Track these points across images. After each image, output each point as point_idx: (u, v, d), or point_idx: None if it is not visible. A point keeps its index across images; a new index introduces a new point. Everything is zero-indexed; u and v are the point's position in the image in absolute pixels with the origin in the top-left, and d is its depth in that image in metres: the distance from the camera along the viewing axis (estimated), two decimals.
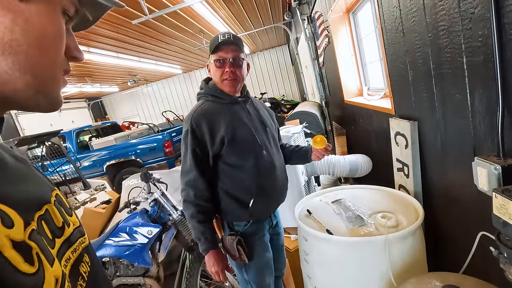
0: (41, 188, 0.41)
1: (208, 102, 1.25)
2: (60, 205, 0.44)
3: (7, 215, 0.30)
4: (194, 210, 1.19)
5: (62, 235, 0.40)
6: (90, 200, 3.63)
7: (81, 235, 0.46)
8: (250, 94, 1.37)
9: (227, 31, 1.21)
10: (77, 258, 0.42)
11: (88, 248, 0.47)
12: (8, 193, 0.33)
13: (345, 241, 1.12)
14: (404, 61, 1.35)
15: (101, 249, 1.82)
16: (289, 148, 1.48)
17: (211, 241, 1.21)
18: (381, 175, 2.07)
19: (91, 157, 5.54)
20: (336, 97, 3.43)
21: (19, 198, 0.34)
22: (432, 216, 1.40)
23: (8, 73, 0.32)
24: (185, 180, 1.21)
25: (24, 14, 0.32)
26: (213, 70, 1.23)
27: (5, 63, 0.32)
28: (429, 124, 1.24)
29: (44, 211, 0.38)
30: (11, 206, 0.31)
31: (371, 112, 2.11)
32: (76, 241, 0.44)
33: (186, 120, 1.21)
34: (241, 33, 7.34)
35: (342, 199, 1.44)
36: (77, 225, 0.46)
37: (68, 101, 11.02)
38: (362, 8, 2.36)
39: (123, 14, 4.32)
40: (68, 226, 0.43)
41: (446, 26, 0.95)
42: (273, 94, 11.51)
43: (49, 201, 0.41)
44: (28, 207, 0.35)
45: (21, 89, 0.34)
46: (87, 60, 6.24)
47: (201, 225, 1.20)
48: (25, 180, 0.39)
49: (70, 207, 0.47)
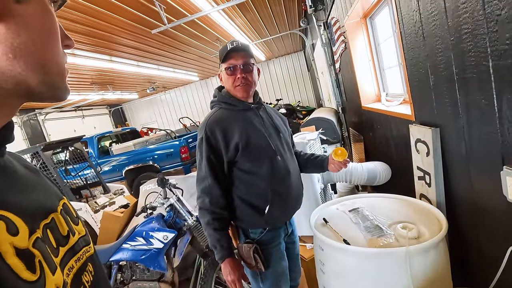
0: (49, 197, 0.42)
1: (221, 109, 1.26)
2: (67, 214, 0.44)
3: (12, 223, 0.31)
4: (209, 218, 1.19)
5: (67, 244, 0.41)
6: (109, 204, 3.73)
7: (86, 244, 0.46)
8: (262, 101, 1.37)
9: (235, 40, 1.23)
10: (80, 267, 0.42)
11: (93, 257, 0.47)
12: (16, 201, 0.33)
13: (363, 252, 1.08)
14: (424, 66, 1.30)
15: (118, 253, 1.85)
16: (304, 156, 1.46)
17: (227, 249, 1.20)
18: (401, 183, 1.99)
19: (111, 162, 5.71)
20: (353, 103, 3.37)
21: (26, 206, 0.35)
22: (457, 228, 1.33)
23: (22, 74, 0.33)
24: (201, 187, 1.21)
25: (24, 16, 0.33)
26: (224, 78, 1.25)
27: (19, 65, 0.33)
28: (452, 131, 1.19)
29: (50, 219, 0.39)
30: (17, 214, 0.32)
31: (390, 118, 2.06)
32: (81, 250, 0.44)
33: (201, 128, 1.22)
34: (257, 40, 7.42)
35: (360, 207, 1.39)
36: (82, 234, 0.46)
37: (91, 107, 11.47)
38: (380, 13, 2.33)
39: (143, 24, 4.48)
40: (73, 235, 0.43)
41: (470, 29, 0.91)
42: (288, 100, 11.49)
43: (56, 210, 0.41)
44: (35, 215, 0.36)
45: (35, 86, 0.35)
46: (109, 69, 6.49)
47: (216, 233, 1.19)
48: (34, 189, 0.40)
49: (76, 216, 0.48)
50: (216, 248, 1.20)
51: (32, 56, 0.34)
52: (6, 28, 0.32)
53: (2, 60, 0.32)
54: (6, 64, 0.32)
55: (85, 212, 3.37)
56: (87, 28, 4.12)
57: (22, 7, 0.33)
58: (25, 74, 0.34)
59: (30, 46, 0.33)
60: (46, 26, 0.35)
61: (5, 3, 0.32)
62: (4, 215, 0.30)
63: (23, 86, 0.34)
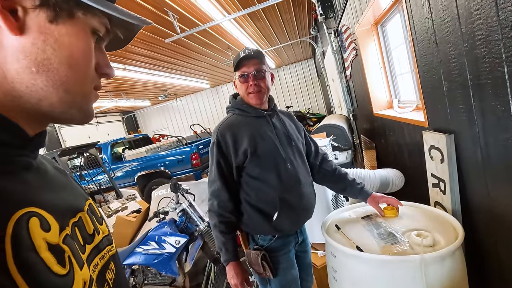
0: (77, 197, 0.45)
1: (235, 115, 1.29)
2: (92, 214, 0.46)
3: (45, 220, 0.33)
4: (217, 220, 1.22)
5: (92, 242, 0.43)
6: (121, 209, 3.80)
7: (109, 243, 0.48)
8: (277, 107, 1.38)
9: (247, 48, 1.26)
10: (104, 265, 0.44)
11: (115, 256, 0.49)
12: (48, 200, 0.36)
13: (376, 259, 1.07)
14: (437, 72, 1.30)
15: (131, 257, 1.88)
16: (344, 175, 1.43)
17: (232, 253, 1.22)
18: (415, 190, 1.96)
19: (124, 168, 5.82)
20: (365, 109, 3.35)
21: (57, 205, 0.37)
22: (473, 236, 1.30)
23: (43, 89, 0.36)
24: (210, 190, 1.24)
25: (54, 35, 0.35)
26: (238, 85, 1.28)
27: (40, 80, 0.35)
28: (467, 137, 1.18)
29: (78, 218, 0.41)
30: (50, 212, 0.34)
31: (403, 125, 2.04)
32: (104, 249, 0.46)
33: (213, 133, 1.26)
34: (267, 48, 7.50)
35: (373, 214, 1.38)
36: (106, 233, 0.48)
37: (105, 115, 11.77)
38: (391, 20, 2.33)
39: (157, 34, 4.61)
40: (98, 234, 0.45)
41: (484, 35, 0.91)
42: (298, 107, 11.50)
43: (83, 209, 0.44)
44: (65, 213, 0.38)
45: (56, 104, 0.37)
46: (123, 77, 6.68)
47: (223, 236, 1.21)
48: (64, 189, 0.42)
49: (101, 216, 0.50)
50: (221, 250, 1.23)
51: (55, 73, 0.36)
52: (32, 43, 0.34)
53: (25, 73, 0.34)
54: (29, 78, 0.34)
55: None
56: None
57: (54, 27, 0.35)
58: (47, 90, 0.36)
59: (54, 64, 0.35)
60: (76, 50, 0.37)
61: (39, 22, 0.34)
62: (39, 212, 0.33)
63: (46, 103, 0.36)
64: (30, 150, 0.38)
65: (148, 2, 3.52)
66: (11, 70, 0.34)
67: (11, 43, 0.33)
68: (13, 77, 0.34)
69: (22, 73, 0.34)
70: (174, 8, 3.87)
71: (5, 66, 0.33)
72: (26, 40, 0.33)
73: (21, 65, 0.34)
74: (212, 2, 3.86)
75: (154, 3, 3.58)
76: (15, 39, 0.33)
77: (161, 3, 3.63)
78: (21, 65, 0.34)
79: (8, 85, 0.34)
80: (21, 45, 0.33)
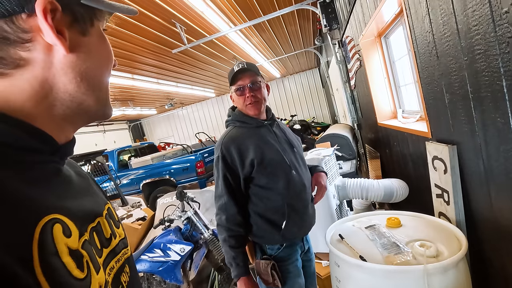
0: (97, 202, 0.47)
1: (236, 128, 1.30)
2: (110, 218, 0.49)
3: (67, 226, 0.35)
4: (226, 235, 1.21)
5: (109, 246, 0.45)
6: (127, 216, 3.83)
7: (125, 246, 0.50)
8: (275, 117, 1.41)
9: (240, 61, 1.30)
10: (119, 268, 0.46)
11: (130, 259, 0.51)
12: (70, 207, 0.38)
13: (379, 269, 1.08)
14: (439, 84, 1.32)
15: (136, 264, 1.90)
16: None
17: (243, 267, 1.20)
18: (419, 201, 1.96)
19: (130, 175, 5.87)
20: (369, 119, 3.37)
21: (77, 211, 0.39)
22: (478, 248, 1.30)
23: (85, 93, 0.40)
24: (218, 204, 1.24)
25: (89, 45, 0.41)
26: (236, 99, 1.31)
27: (83, 86, 0.40)
28: (470, 148, 1.19)
29: (97, 223, 0.43)
30: (71, 218, 0.36)
31: (407, 135, 2.05)
32: (120, 252, 0.48)
33: (217, 147, 1.26)
34: (273, 58, 7.60)
35: (377, 224, 1.39)
36: (122, 237, 0.51)
37: (112, 123, 11.95)
38: (394, 32, 2.37)
39: (164, 44, 4.72)
40: (114, 238, 0.47)
41: (483, 50, 0.94)
42: (303, 116, 11.54)
43: (102, 214, 0.46)
44: (84, 219, 0.40)
45: (93, 104, 0.42)
46: (131, 86, 6.81)
47: (232, 250, 1.20)
48: (85, 195, 0.45)
49: (118, 219, 0.53)
50: (232, 265, 1.21)
51: (93, 78, 0.41)
52: (78, 57, 0.39)
53: (72, 84, 0.39)
54: (74, 87, 0.39)
55: None
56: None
57: (87, 39, 0.40)
58: (87, 93, 0.41)
59: (93, 69, 0.41)
60: (104, 52, 0.43)
61: (76, 38, 0.39)
62: (61, 219, 0.35)
63: (85, 105, 0.41)
64: (60, 157, 0.42)
65: (156, 14, 3.64)
66: (59, 83, 0.38)
67: (61, 60, 0.37)
68: (59, 89, 0.38)
69: (69, 84, 0.38)
70: (182, 20, 3.98)
71: (53, 81, 0.37)
72: (72, 55, 0.38)
73: (68, 78, 0.38)
74: (218, 14, 3.96)
75: (163, 15, 3.69)
76: (64, 56, 0.37)
77: (169, 15, 3.74)
78: (68, 77, 0.38)
79: (52, 97, 0.38)
80: (70, 61, 0.38)
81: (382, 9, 1.90)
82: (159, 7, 3.46)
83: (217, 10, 3.87)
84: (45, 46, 0.36)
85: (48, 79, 0.37)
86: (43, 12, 0.33)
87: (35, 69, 0.36)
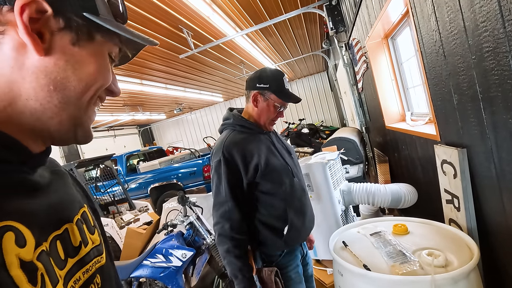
0: (68, 207, 0.43)
1: (235, 132, 1.26)
2: (84, 223, 0.45)
3: (21, 234, 0.31)
4: (230, 245, 1.13)
5: (76, 255, 0.41)
6: (134, 220, 3.84)
7: (99, 254, 0.46)
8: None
9: (285, 76, 1.30)
10: (87, 280, 0.42)
11: (103, 268, 0.46)
12: (29, 213, 0.34)
13: (384, 279, 1.02)
14: (447, 85, 1.27)
15: (138, 269, 1.88)
16: None
17: (249, 279, 1.14)
18: (428, 207, 1.88)
19: (138, 180, 5.92)
20: (377, 122, 3.30)
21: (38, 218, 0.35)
22: (491, 257, 1.22)
23: (57, 106, 0.37)
24: (219, 212, 1.16)
25: (76, 56, 0.38)
26: (265, 107, 1.27)
27: (56, 98, 0.37)
28: (480, 152, 1.13)
29: (63, 230, 0.39)
30: (28, 226, 0.33)
31: (415, 138, 1.98)
32: (91, 261, 0.44)
33: (216, 151, 1.21)
34: (280, 62, 7.59)
35: (382, 231, 1.33)
36: (96, 243, 0.46)
37: (122, 128, 12.15)
38: (402, 33, 2.32)
39: (172, 50, 4.77)
40: (85, 246, 0.43)
41: (491, 47, 0.89)
42: (312, 120, 11.45)
43: (72, 220, 0.42)
44: (45, 227, 0.36)
45: (65, 122, 0.39)
46: (140, 91, 6.91)
47: (238, 261, 1.13)
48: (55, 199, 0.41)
49: (94, 224, 0.48)
50: (237, 277, 1.13)
51: (70, 91, 0.38)
52: (55, 64, 0.36)
53: (43, 91, 0.36)
54: (45, 95, 0.36)
55: (111, 228, 3.49)
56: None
57: (76, 49, 0.38)
58: (60, 107, 0.37)
59: (71, 82, 0.37)
60: (92, 69, 0.39)
61: (63, 44, 0.37)
62: (16, 227, 0.31)
63: (56, 121, 0.38)
64: (30, 167, 0.38)
65: (163, 20, 3.68)
66: (29, 88, 0.35)
67: (33, 63, 0.35)
68: (29, 95, 0.35)
69: (40, 91, 0.36)
70: (188, 25, 4.01)
71: (22, 85, 0.35)
72: (49, 60, 0.36)
73: (40, 84, 0.35)
74: (224, 19, 3.98)
75: (170, 21, 3.73)
76: (38, 59, 0.35)
77: (176, 20, 3.77)
78: (40, 83, 0.35)
79: (21, 103, 0.35)
80: (43, 65, 0.35)
81: (388, 9, 1.86)
82: (166, 13, 3.50)
83: (223, 15, 3.89)
84: (19, 43, 0.34)
85: (17, 81, 0.35)
86: (21, 8, 0.32)
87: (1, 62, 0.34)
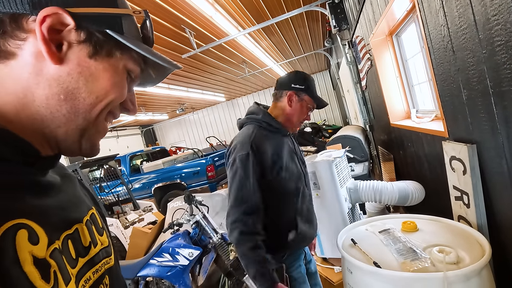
0: (78, 207, 0.44)
1: (261, 128, 1.21)
2: (93, 224, 0.46)
3: (34, 232, 0.32)
4: (255, 242, 1.07)
5: (87, 255, 0.42)
6: (138, 220, 3.85)
7: (107, 255, 0.47)
8: None
9: None
10: (97, 280, 0.42)
11: (112, 269, 0.47)
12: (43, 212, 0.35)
13: (395, 276, 1.01)
14: (456, 80, 1.25)
15: (145, 268, 1.88)
16: None
17: (274, 274, 1.10)
18: (436, 204, 1.87)
19: (141, 180, 5.94)
20: (381, 120, 3.28)
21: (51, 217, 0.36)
22: (502, 254, 1.21)
23: (65, 116, 0.38)
24: (243, 208, 1.08)
25: (91, 69, 0.38)
26: (298, 107, 1.29)
27: (65, 107, 0.37)
28: (491, 147, 1.12)
29: (74, 230, 0.40)
30: (41, 224, 0.33)
31: (421, 135, 1.97)
32: (100, 262, 0.44)
33: (243, 144, 1.13)
34: (282, 61, 7.58)
35: (391, 229, 1.32)
36: (105, 245, 0.47)
37: (125, 128, 12.18)
38: (406, 30, 2.30)
39: (174, 49, 4.77)
40: (94, 246, 0.44)
41: (504, 41, 0.88)
42: (314, 119, 11.42)
43: (81, 220, 0.43)
44: (57, 226, 0.37)
45: (71, 132, 0.39)
46: (143, 92, 6.93)
47: (265, 256, 1.09)
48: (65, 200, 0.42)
49: (102, 226, 0.49)
50: (265, 276, 1.05)
51: (81, 102, 0.38)
52: (68, 74, 0.37)
53: (54, 99, 0.37)
54: (56, 104, 0.37)
55: (116, 228, 3.50)
56: None
57: (92, 62, 0.38)
58: (68, 117, 0.38)
59: (82, 93, 0.38)
60: (105, 84, 0.40)
61: (78, 55, 0.37)
62: (29, 225, 0.32)
63: (62, 130, 0.38)
64: (39, 169, 0.39)
65: (166, 20, 3.68)
66: (42, 95, 0.36)
67: (49, 71, 0.36)
68: (41, 102, 0.36)
69: (51, 99, 0.37)
70: (191, 25, 4.01)
71: (36, 90, 0.36)
72: (63, 69, 0.37)
73: (52, 92, 0.36)
74: (227, 18, 3.98)
75: (172, 20, 3.73)
76: (53, 68, 0.36)
77: (179, 20, 3.77)
78: (52, 91, 0.36)
79: (33, 108, 0.36)
80: (58, 74, 0.36)
81: (393, 6, 1.84)
82: (168, 12, 3.50)
83: (225, 14, 3.89)
84: (38, 51, 0.35)
85: (32, 88, 0.36)
86: (43, 18, 0.34)
87: (20, 67, 0.35)
